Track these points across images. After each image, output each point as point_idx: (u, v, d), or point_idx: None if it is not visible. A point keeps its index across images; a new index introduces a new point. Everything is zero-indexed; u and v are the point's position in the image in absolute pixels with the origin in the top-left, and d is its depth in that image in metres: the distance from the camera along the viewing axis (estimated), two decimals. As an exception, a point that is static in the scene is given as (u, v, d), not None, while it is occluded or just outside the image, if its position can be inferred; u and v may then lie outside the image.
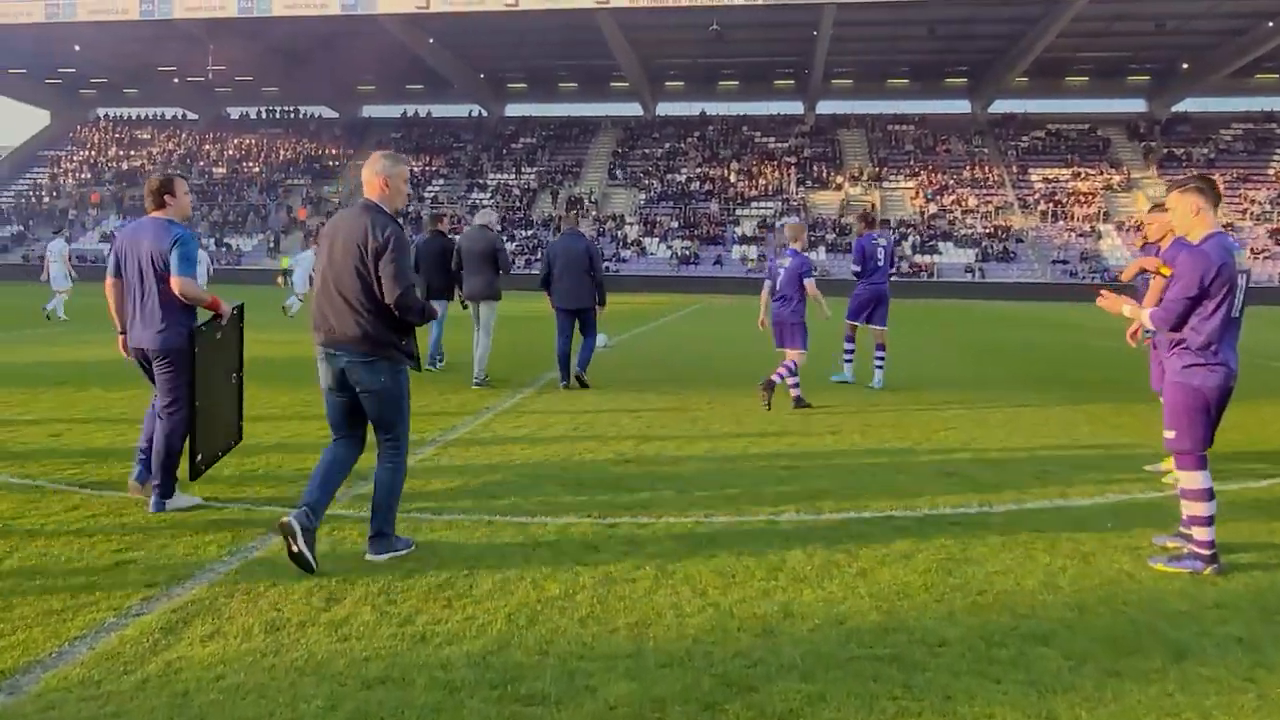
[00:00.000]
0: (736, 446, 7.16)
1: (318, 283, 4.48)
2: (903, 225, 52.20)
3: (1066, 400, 9.85)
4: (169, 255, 5.09)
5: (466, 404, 8.93)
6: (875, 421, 8.30)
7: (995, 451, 7.11)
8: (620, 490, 5.79)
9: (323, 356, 4.45)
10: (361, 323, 4.32)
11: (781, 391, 9.23)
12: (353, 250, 4.31)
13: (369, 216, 4.35)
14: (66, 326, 18.01)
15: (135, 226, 5.33)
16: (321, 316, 4.42)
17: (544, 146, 63.45)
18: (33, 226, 59.88)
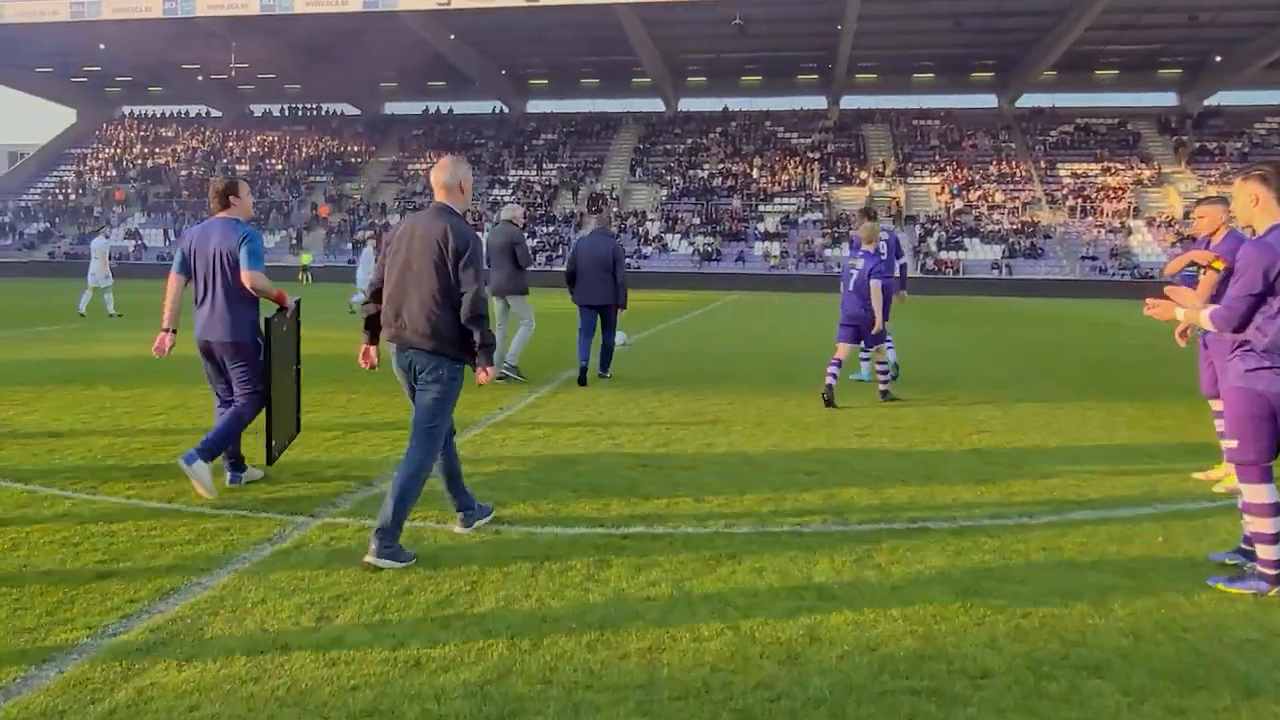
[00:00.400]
0: (759, 449, 6.84)
1: (392, 280, 4.57)
2: (928, 221, 51.56)
3: (1104, 402, 9.44)
4: (238, 252, 5.40)
5: (480, 403, 8.65)
6: (905, 423, 7.96)
7: (1032, 456, 6.75)
8: (636, 497, 5.49)
9: (393, 351, 4.61)
10: (432, 319, 4.44)
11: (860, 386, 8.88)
12: (432, 249, 4.43)
13: (448, 219, 4.50)
14: (84, 323, 17.91)
15: (204, 226, 5.60)
16: (394, 313, 4.54)
17: (565, 143, 63.22)
18: (59, 224, 60.38)
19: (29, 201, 63.70)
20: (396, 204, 58.18)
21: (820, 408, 8.73)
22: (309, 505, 5.23)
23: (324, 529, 4.81)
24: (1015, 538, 4.80)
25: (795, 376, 11.15)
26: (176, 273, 5.60)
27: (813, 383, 10.46)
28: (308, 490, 5.56)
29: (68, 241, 58.06)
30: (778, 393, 9.63)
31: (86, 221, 59.97)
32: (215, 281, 5.45)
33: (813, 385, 10.25)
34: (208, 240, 5.50)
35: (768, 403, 8.89)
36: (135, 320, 18.60)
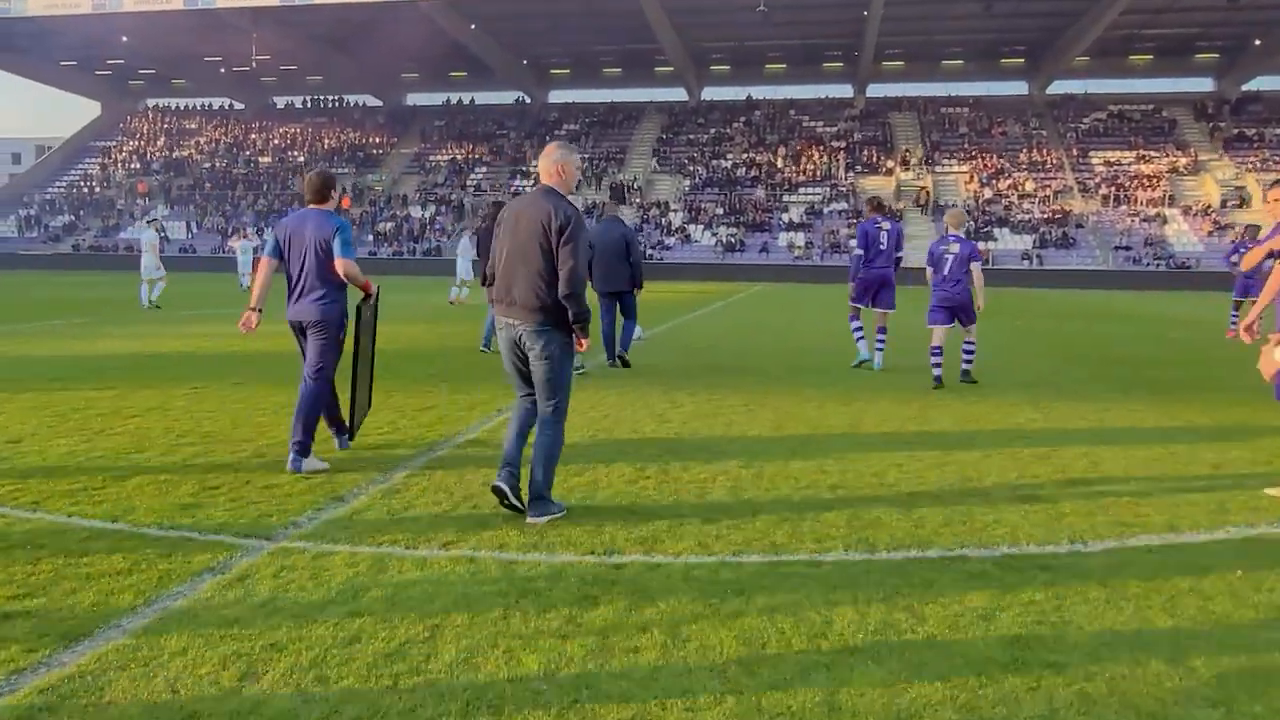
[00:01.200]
0: (775, 459, 6.21)
1: (500, 259, 4.87)
2: (942, 209, 50.46)
3: (1155, 405, 8.70)
4: (333, 240, 5.81)
5: (478, 404, 8.09)
6: (936, 426, 7.29)
7: (1080, 467, 6.07)
8: (634, 516, 4.88)
9: (503, 325, 4.87)
10: (540, 294, 4.71)
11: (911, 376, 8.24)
12: (536, 229, 4.71)
13: (552, 200, 4.76)
14: (94, 318, 17.54)
15: (299, 216, 5.98)
16: (504, 289, 4.84)
17: (588, 133, 62.56)
18: (83, 217, 60.54)
19: (54, 194, 63.96)
20: (418, 195, 57.83)
21: (842, 408, 8.08)
22: (267, 526, 4.67)
23: (276, 556, 4.24)
24: (1070, 571, 4.15)
25: (817, 373, 10.49)
26: (269, 256, 6.00)
27: (834, 379, 9.80)
28: (270, 506, 5.00)
29: (92, 234, 58.20)
30: (797, 391, 8.98)
31: (110, 214, 60.13)
32: (309, 267, 5.83)
33: (834, 383, 9.59)
34: (303, 229, 5.87)
35: (787, 403, 8.25)
36: (155, 314, 18.22)
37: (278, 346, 11.98)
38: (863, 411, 7.96)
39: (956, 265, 9.58)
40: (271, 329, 14.60)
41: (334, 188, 6.11)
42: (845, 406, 8.18)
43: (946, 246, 9.72)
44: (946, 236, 9.88)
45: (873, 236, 10.71)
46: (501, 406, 7.98)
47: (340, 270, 5.82)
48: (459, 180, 58.99)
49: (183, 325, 15.64)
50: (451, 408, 7.89)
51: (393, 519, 4.79)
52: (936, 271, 9.72)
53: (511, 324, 4.81)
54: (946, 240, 9.81)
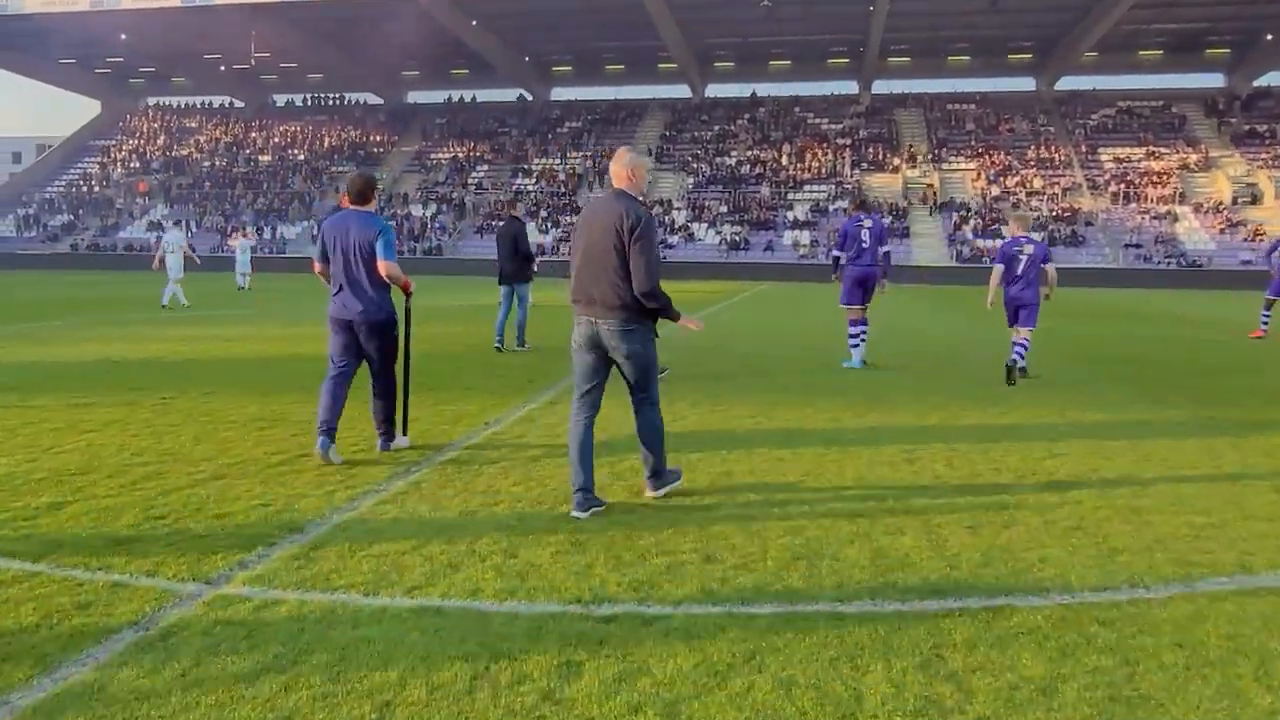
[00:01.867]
0: (786, 481, 5.61)
1: (578, 261, 5.04)
2: (964, 208, 49.83)
3: (1196, 415, 8.05)
4: (376, 242, 5.99)
5: (464, 415, 7.51)
6: (960, 442, 6.69)
7: (1126, 492, 5.47)
8: (627, 554, 4.29)
9: (582, 322, 5.04)
10: (620, 294, 4.89)
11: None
12: (610, 230, 4.88)
13: (624, 201, 4.94)
14: (78, 319, 16.99)
15: (341, 217, 6.14)
16: (582, 289, 5.01)
17: (590, 130, 61.99)
18: (82, 216, 60.06)
19: (53, 194, 63.49)
20: (419, 194, 57.28)
21: (857, 422, 7.49)
22: (209, 567, 4.08)
23: (212, 606, 3.66)
24: (1134, 625, 3.55)
25: (828, 379, 9.89)
26: (318, 260, 6.23)
27: (848, 387, 9.20)
28: (217, 541, 4.41)
29: (91, 234, 57.71)
30: (809, 401, 8.38)
31: (109, 214, 59.65)
32: (355, 267, 6.03)
33: (848, 391, 9.00)
34: (346, 231, 6.05)
35: (797, 414, 7.65)
36: (145, 316, 17.66)
37: (258, 352, 11.42)
38: (880, 425, 7.35)
39: (1029, 266, 9.98)
40: (246, 332, 14.10)
41: (375, 189, 6.32)
42: (861, 419, 7.57)
43: (1020, 248, 10.05)
44: (1018, 238, 10.18)
45: (853, 235, 10.77)
46: (489, 419, 7.41)
47: (383, 272, 6.02)
48: (460, 179, 58.43)
49: (166, 328, 15.08)
50: (435, 420, 7.31)
51: (354, 555, 4.21)
52: (1009, 271, 10.07)
53: (591, 320, 4.99)
54: (1019, 241, 10.12)
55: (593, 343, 5.02)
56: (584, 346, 5.06)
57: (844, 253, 10.86)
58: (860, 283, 10.81)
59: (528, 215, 51.25)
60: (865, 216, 10.91)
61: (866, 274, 10.77)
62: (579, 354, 5.11)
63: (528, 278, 12.14)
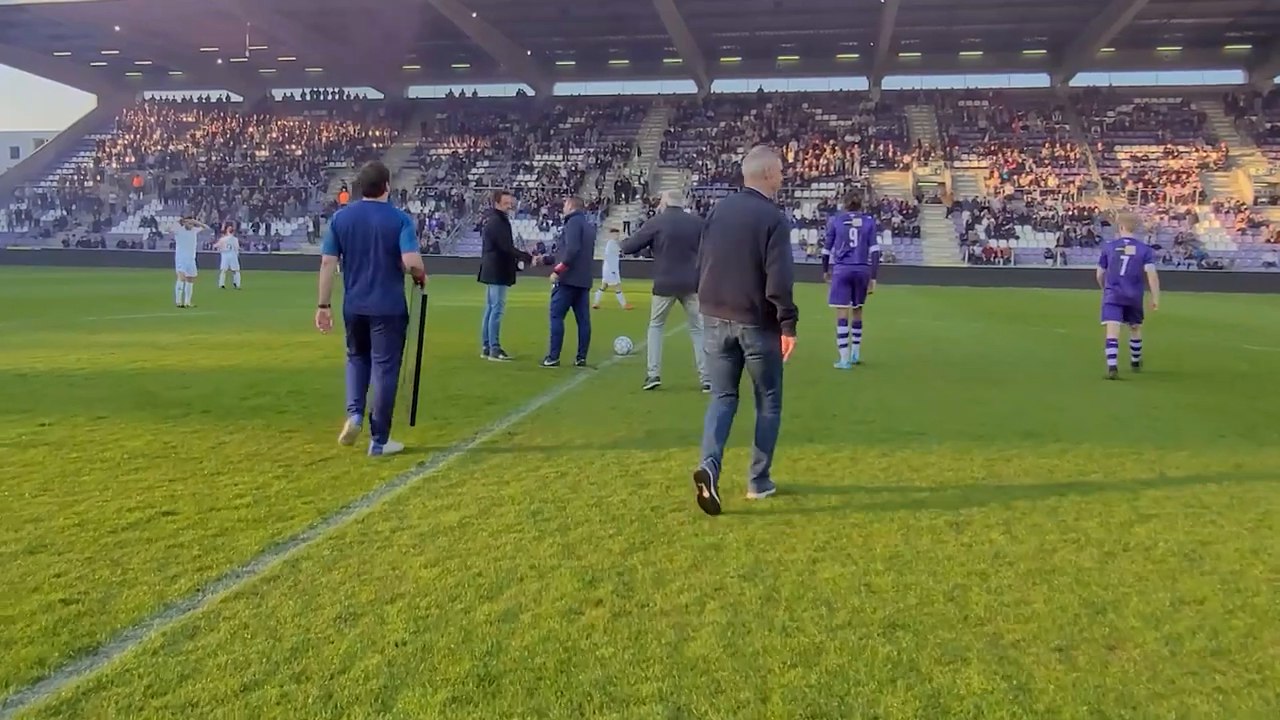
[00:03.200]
0: (791, 563, 4.18)
1: (711, 261, 5.07)
2: (976, 207, 48.34)
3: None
4: (399, 234, 5.94)
5: (409, 449, 6.14)
6: (1021, 500, 5.27)
7: (1255, 575, 4.06)
8: (563, 691, 2.90)
9: (716, 324, 5.08)
10: (753, 296, 4.92)
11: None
12: (747, 232, 4.92)
13: (760, 203, 5.02)
14: (49, 319, 15.65)
15: (358, 209, 6.01)
16: (713, 289, 5.07)
17: (593, 126, 60.64)
18: (75, 211, 58.86)
19: (46, 189, 62.31)
20: (417, 190, 55.97)
21: (882, 463, 6.09)
22: (126, 613, 2.73)
23: (111, 683, 2.28)
24: None
25: (844, 405, 8.48)
26: (329, 253, 6.07)
27: (867, 416, 7.79)
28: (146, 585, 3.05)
29: (83, 230, 56.50)
30: (823, 434, 6.97)
31: (102, 210, 58.42)
32: (374, 260, 5.93)
33: (868, 419, 7.58)
34: (366, 222, 5.94)
35: (806, 461, 6.19)
36: (105, 317, 16.30)
37: (186, 363, 10.00)
38: (911, 469, 5.93)
39: (1132, 265, 10.32)
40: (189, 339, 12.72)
41: (389, 180, 6.19)
42: (886, 459, 6.17)
43: (1122, 248, 10.42)
44: (1121, 239, 10.56)
45: (841, 233, 10.61)
46: (441, 448, 6.03)
47: (409, 263, 5.98)
48: (460, 175, 57.09)
49: (106, 333, 13.71)
50: (350, 466, 5.92)
51: (170, 689, 2.82)
52: (1111, 271, 10.46)
53: (726, 323, 5.00)
54: (1121, 242, 10.50)
55: (730, 345, 5.06)
56: (722, 350, 5.10)
57: (832, 251, 10.74)
58: (847, 281, 10.62)
59: (527, 213, 49.91)
60: (854, 215, 10.74)
61: (854, 273, 10.57)
62: (718, 359, 5.14)
63: (503, 278, 10.78)
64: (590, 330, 10.58)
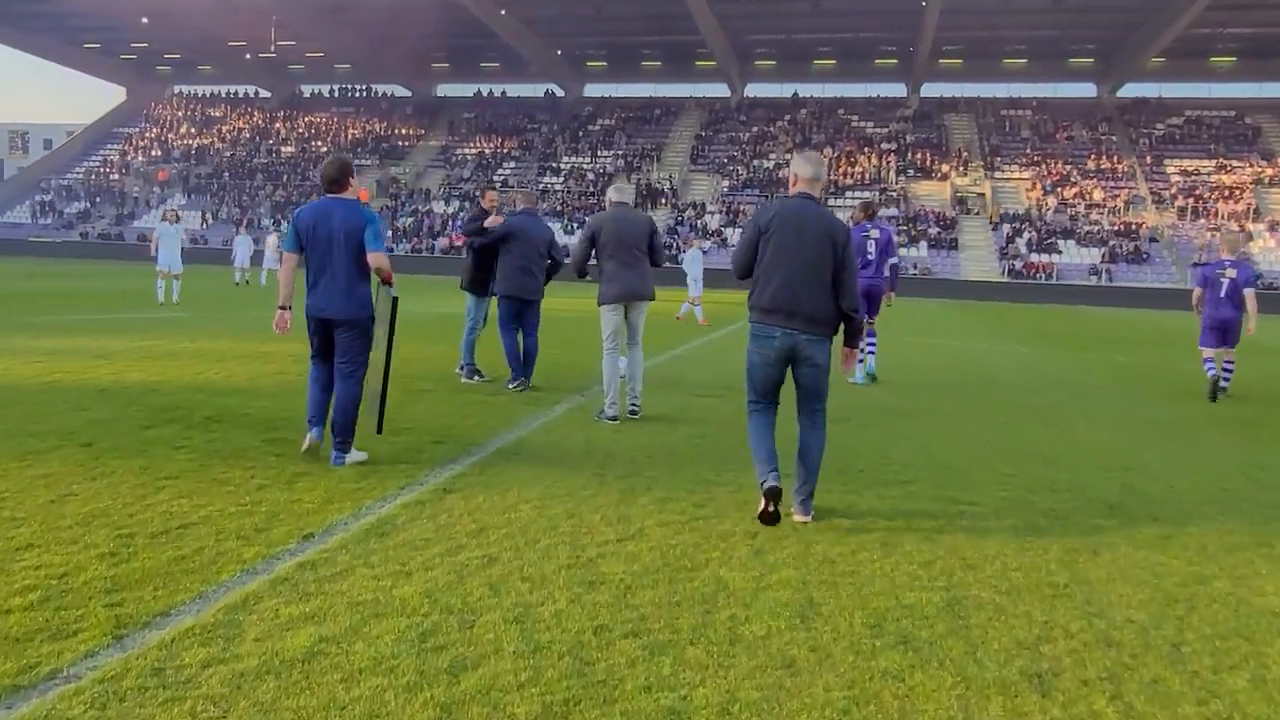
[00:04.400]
0: (800, 685, 2.74)
1: (781, 268, 4.85)
2: (1016, 220, 46.40)
3: None
4: (364, 232, 5.62)
5: (334, 499, 4.77)
6: (1127, 633, 3.76)
7: None
8: None
9: (778, 334, 4.86)
10: (828, 305, 4.87)
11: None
12: (825, 240, 4.86)
13: (827, 211, 4.97)
14: (11, 318, 14.52)
15: (321, 206, 5.70)
16: (787, 299, 4.85)
17: (622, 129, 59.25)
18: (99, 204, 58.40)
19: (71, 181, 61.95)
20: (442, 190, 54.86)
21: (926, 550, 4.59)
22: None
23: None
24: None
25: (872, 454, 6.96)
26: (291, 251, 5.75)
27: (907, 473, 6.26)
28: None
29: (105, 222, 55.97)
30: (841, 504, 5.44)
31: (125, 203, 57.89)
32: (338, 259, 5.61)
33: (908, 479, 6.05)
34: (329, 219, 5.63)
35: (821, 546, 4.67)
36: (74, 316, 15.10)
37: (103, 376, 8.59)
38: (965, 566, 4.39)
39: (1232, 289, 10.16)
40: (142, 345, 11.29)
41: (352, 175, 5.84)
42: (929, 547, 4.64)
43: (1223, 270, 10.26)
44: (1222, 260, 10.39)
45: (858, 245, 10.08)
46: (379, 497, 4.61)
47: (374, 264, 5.67)
48: (485, 175, 55.94)
49: (41, 336, 12.44)
50: (214, 535, 4.51)
51: None
52: (1211, 293, 10.29)
53: (791, 332, 4.84)
54: (1223, 264, 10.33)
55: (786, 356, 4.91)
56: (777, 360, 4.93)
57: None
58: (864, 295, 9.98)
59: (553, 215, 48.58)
60: (872, 225, 10.34)
61: (870, 287, 10.13)
62: (769, 368, 4.96)
63: (475, 287, 9.35)
64: (536, 349, 9.07)
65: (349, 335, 5.67)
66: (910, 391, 10.16)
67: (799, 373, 4.93)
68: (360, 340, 5.70)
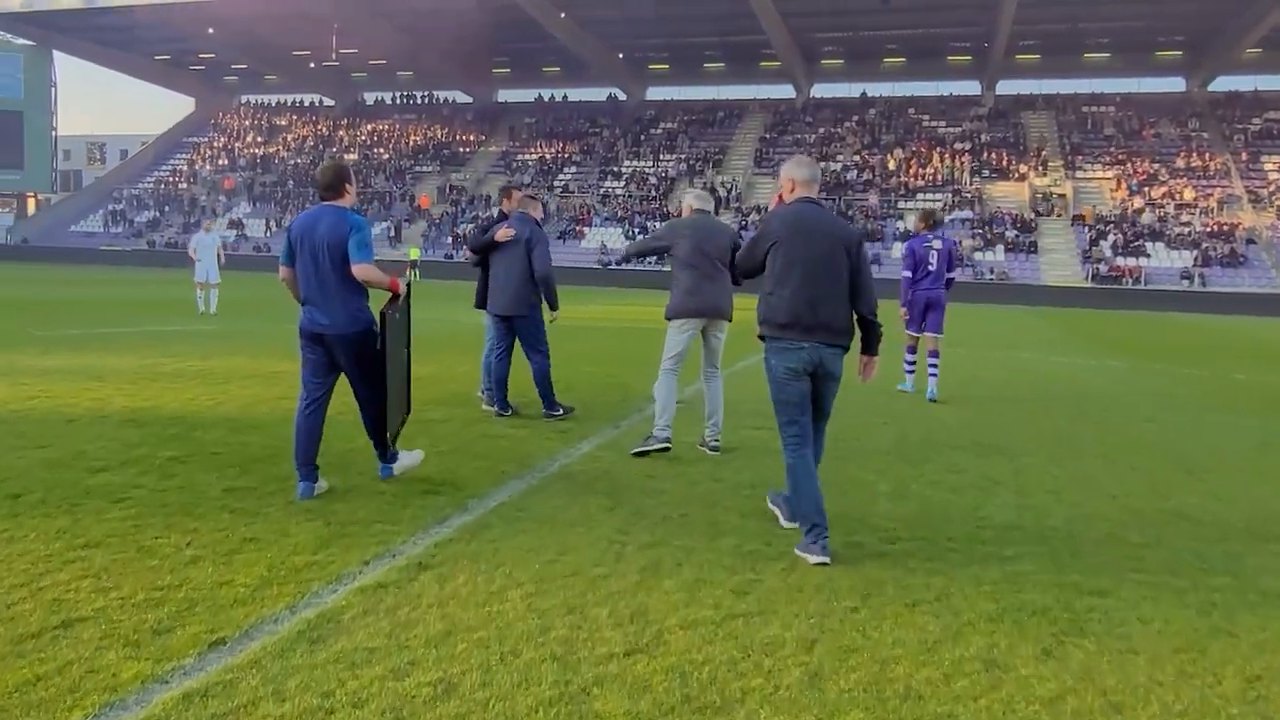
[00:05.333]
0: None
1: (796, 279, 4.54)
2: (1100, 222, 44.02)
3: None
4: (348, 242, 5.15)
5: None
6: None
7: None
8: None
9: (803, 348, 4.52)
10: (846, 313, 4.61)
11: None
12: (838, 245, 4.59)
13: (834, 215, 4.72)
14: (38, 329, 13.96)
15: (311, 215, 5.33)
16: (806, 308, 4.52)
17: (685, 132, 58.07)
18: (168, 213, 59.23)
19: (141, 190, 63.03)
20: (502, 196, 54.24)
21: (1050, 684, 3.37)
22: None
23: None
24: None
25: (964, 514, 5.69)
26: (284, 264, 5.37)
27: (1004, 552, 4.98)
28: None
29: (172, 231, 56.68)
30: (923, 559, 4.23)
31: (192, 211, 58.60)
32: (325, 271, 5.19)
33: (1011, 564, 4.78)
34: (314, 229, 5.24)
35: (902, 664, 3.52)
36: (98, 329, 14.50)
37: (87, 401, 7.67)
38: (1106, 685, 3.19)
39: None
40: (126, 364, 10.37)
41: (349, 180, 5.41)
42: (1054, 665, 3.41)
43: None
44: None
45: (920, 256, 9.92)
46: (228, 637, 3.56)
47: (357, 276, 5.15)
48: (545, 181, 55.29)
49: (50, 352, 11.76)
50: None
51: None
52: None
53: (814, 346, 4.53)
54: None
55: (807, 372, 4.55)
56: (805, 374, 4.55)
57: (911, 274, 9.92)
58: (925, 307, 9.89)
59: (613, 221, 47.59)
60: (933, 235, 9.97)
61: (933, 298, 9.86)
62: (800, 381, 4.56)
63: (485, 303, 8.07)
64: (542, 371, 7.83)
65: (345, 352, 5.24)
66: (994, 418, 8.82)
67: (818, 388, 4.63)
68: (360, 355, 5.27)
